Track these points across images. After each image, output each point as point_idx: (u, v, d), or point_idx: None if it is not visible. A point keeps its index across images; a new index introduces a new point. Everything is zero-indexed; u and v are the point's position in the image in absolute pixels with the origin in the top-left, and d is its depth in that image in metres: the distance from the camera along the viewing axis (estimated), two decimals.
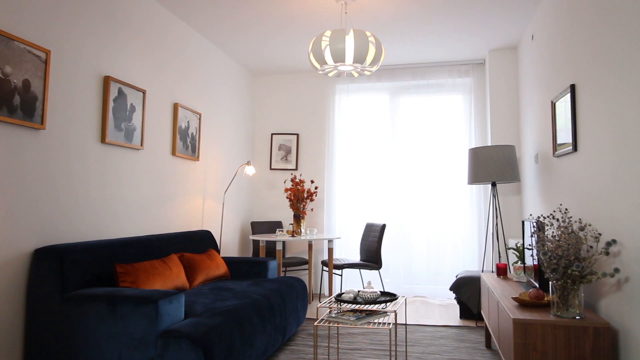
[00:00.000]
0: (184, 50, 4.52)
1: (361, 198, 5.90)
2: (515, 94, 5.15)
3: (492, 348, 3.63)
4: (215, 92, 5.18)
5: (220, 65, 5.30)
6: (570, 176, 3.18)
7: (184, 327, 2.48)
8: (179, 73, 4.43)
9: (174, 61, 4.33)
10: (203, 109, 4.89)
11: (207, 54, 4.99)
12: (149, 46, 3.95)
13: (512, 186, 5.08)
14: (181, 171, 4.45)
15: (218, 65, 5.24)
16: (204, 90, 4.91)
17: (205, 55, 4.95)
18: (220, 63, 5.29)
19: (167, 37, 4.22)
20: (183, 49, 4.49)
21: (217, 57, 5.20)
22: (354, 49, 3.60)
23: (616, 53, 2.42)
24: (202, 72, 4.89)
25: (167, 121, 4.23)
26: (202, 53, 4.88)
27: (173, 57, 4.32)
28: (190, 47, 4.63)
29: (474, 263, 5.44)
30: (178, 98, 4.41)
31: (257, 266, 4.14)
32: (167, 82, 4.23)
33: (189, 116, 4.57)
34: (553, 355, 2.32)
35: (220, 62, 5.29)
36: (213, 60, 5.12)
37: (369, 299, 3.01)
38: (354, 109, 5.99)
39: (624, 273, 2.33)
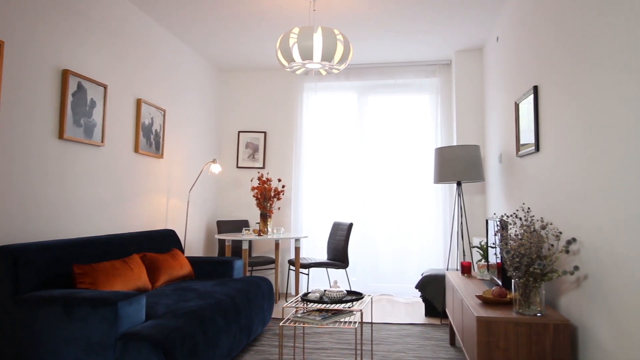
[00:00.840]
0: (149, 45, 4.39)
1: (329, 197, 5.90)
2: (481, 95, 5.24)
3: (456, 345, 3.68)
4: (181, 88, 5.07)
5: (186, 61, 5.19)
6: (533, 176, 3.25)
7: (145, 330, 2.40)
8: (143, 68, 4.31)
9: (137, 56, 4.21)
10: (168, 106, 4.78)
11: (173, 50, 4.87)
12: (111, 40, 3.82)
13: (477, 185, 5.17)
14: (144, 169, 4.33)
15: (184, 61, 5.13)
16: (168, 86, 4.79)
17: (171, 51, 4.83)
18: (186, 59, 5.17)
19: (131, 32, 4.09)
20: (148, 43, 4.37)
21: (183, 53, 5.09)
22: (322, 46, 3.57)
23: (577, 56, 2.47)
24: (167, 68, 4.77)
25: (130, 117, 4.10)
26: (168, 48, 4.76)
27: (137, 52, 4.20)
28: (156, 42, 4.51)
29: (439, 261, 5.52)
30: (141, 94, 4.28)
31: (222, 266, 4.07)
32: (130, 77, 4.10)
33: (153, 112, 4.45)
34: (515, 352, 2.36)
35: (186, 58, 5.17)
36: (179, 56, 5.00)
37: (335, 298, 2.99)
38: (322, 107, 5.98)
39: (583, 271, 2.39)
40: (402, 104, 5.80)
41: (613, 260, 2.06)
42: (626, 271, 1.94)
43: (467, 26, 4.58)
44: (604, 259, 2.15)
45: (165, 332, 2.43)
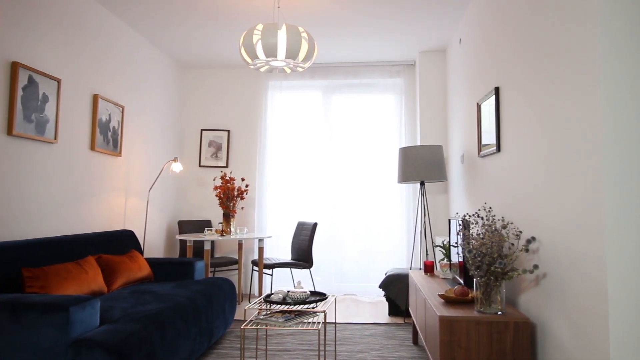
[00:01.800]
0: (107, 39, 4.23)
1: (293, 197, 5.85)
2: (444, 95, 5.30)
3: (419, 344, 3.70)
4: (141, 84, 4.91)
5: (147, 57, 5.04)
6: (494, 176, 3.30)
7: (98, 335, 2.29)
8: (100, 63, 4.14)
9: (94, 50, 4.04)
10: (126, 102, 4.62)
11: (133, 45, 4.71)
12: (66, 32, 3.65)
13: (440, 185, 5.23)
14: (101, 167, 4.16)
15: (144, 57, 4.97)
16: (128, 82, 4.63)
17: (130, 46, 4.67)
18: (146, 54, 5.02)
19: (87, 24, 3.93)
20: (105, 37, 4.21)
21: (143, 49, 4.93)
22: (286, 44, 3.52)
23: (536, 58, 2.51)
24: (127, 63, 4.61)
25: (86, 113, 3.94)
26: (127, 43, 4.60)
27: (93, 46, 4.03)
28: (114, 36, 4.35)
29: (403, 260, 5.55)
30: (98, 89, 4.12)
31: (182, 267, 3.96)
32: (86, 72, 3.94)
33: (111, 109, 4.29)
34: (476, 350, 2.38)
35: (146, 54, 5.02)
36: (139, 51, 4.84)
37: (298, 299, 2.95)
38: (287, 106, 5.92)
39: (542, 269, 2.43)
40: (367, 103, 5.81)
41: (570, 259, 2.10)
42: (583, 269, 1.98)
43: (430, 27, 4.62)
44: (561, 257, 2.20)
45: (121, 337, 2.32)
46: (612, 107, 1.83)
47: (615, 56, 1.84)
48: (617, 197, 1.81)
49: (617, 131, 1.83)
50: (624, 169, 1.81)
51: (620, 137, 1.82)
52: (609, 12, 1.85)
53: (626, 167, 1.81)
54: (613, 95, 1.84)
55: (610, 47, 1.85)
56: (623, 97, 1.83)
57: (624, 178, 1.81)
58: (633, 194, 1.80)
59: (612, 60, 1.84)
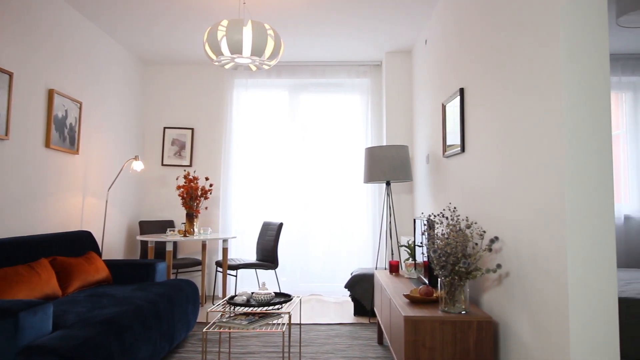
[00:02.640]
0: (64, 32, 4.05)
1: (259, 196, 5.77)
2: (410, 96, 5.34)
3: (384, 344, 3.70)
4: (100, 80, 4.74)
5: (107, 52, 4.86)
6: (459, 176, 3.33)
7: (51, 342, 2.18)
8: (57, 57, 3.97)
9: (50, 43, 3.87)
10: (85, 98, 4.44)
11: (92, 39, 4.53)
12: (19, 25, 3.47)
13: (406, 185, 5.27)
14: (57, 165, 3.99)
15: (104, 52, 4.80)
16: (86, 77, 4.46)
17: (90, 40, 4.49)
18: (106, 49, 4.84)
19: (42, 17, 3.75)
20: (63, 31, 4.03)
21: (103, 43, 4.76)
22: (251, 41, 3.46)
23: (500, 60, 2.54)
24: (85, 58, 4.43)
25: (40, 109, 3.76)
26: (86, 37, 4.42)
27: (49, 39, 3.86)
28: (72, 30, 4.17)
29: (368, 260, 5.56)
30: (54, 84, 3.94)
31: (143, 269, 3.83)
32: (41, 66, 3.76)
33: (68, 105, 4.12)
34: (440, 350, 2.38)
35: (106, 49, 4.84)
36: (98, 46, 4.67)
37: (262, 301, 2.89)
38: (253, 104, 5.84)
39: (505, 268, 2.46)
40: (334, 103, 5.79)
41: (532, 258, 2.13)
42: (544, 268, 2.01)
43: (397, 28, 4.64)
44: (523, 256, 2.22)
45: (75, 342, 2.22)
46: (572, 108, 1.86)
47: (574, 59, 1.87)
48: (577, 196, 1.84)
49: (576, 132, 1.86)
50: (584, 168, 1.85)
51: (580, 137, 1.85)
52: (569, 18, 1.88)
53: (585, 167, 1.85)
54: (573, 97, 1.87)
55: (570, 51, 1.88)
56: (582, 99, 1.86)
57: (584, 178, 1.84)
58: (592, 193, 1.84)
59: (572, 63, 1.87)
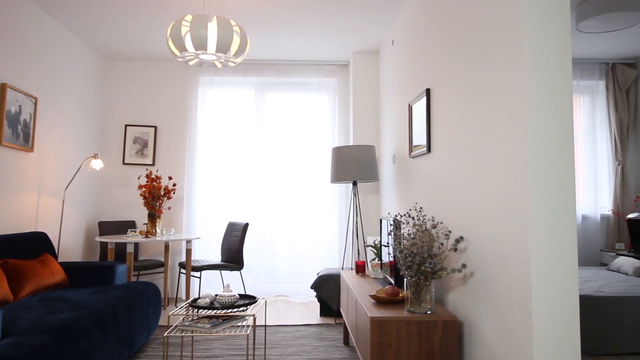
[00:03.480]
0: (19, 25, 3.86)
1: (224, 196, 5.66)
2: (377, 96, 5.35)
3: (350, 345, 3.68)
4: (58, 75, 4.54)
5: (66, 46, 4.67)
6: (425, 176, 3.34)
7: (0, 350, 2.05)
8: (10, 50, 3.77)
9: (3, 36, 3.67)
10: (41, 93, 4.25)
11: (49, 32, 4.34)
12: None
13: (372, 185, 5.27)
14: (9, 163, 3.80)
15: (63, 46, 4.60)
16: (42, 72, 4.26)
17: (47, 34, 4.30)
18: (65, 44, 4.65)
19: None
20: (17, 23, 3.84)
21: (62, 37, 4.56)
22: (217, 37, 3.38)
23: (466, 62, 2.56)
24: (41, 52, 4.24)
25: None
26: (43, 31, 4.23)
27: (2, 32, 3.66)
28: (28, 23, 3.98)
29: (335, 261, 5.54)
30: (7, 78, 3.75)
31: (102, 271, 3.69)
32: None
33: (22, 100, 3.93)
34: (406, 350, 2.38)
35: (65, 43, 4.65)
36: (56, 40, 4.47)
37: (226, 303, 2.82)
38: (219, 102, 5.73)
39: (470, 268, 2.47)
40: (301, 102, 5.75)
41: (496, 257, 2.14)
42: (508, 267, 2.02)
43: (364, 28, 4.63)
44: (488, 256, 2.24)
45: (25, 350, 2.10)
46: (535, 111, 1.88)
47: (538, 63, 1.89)
48: (539, 196, 1.86)
49: (539, 134, 1.88)
50: (546, 169, 1.87)
51: (542, 139, 1.87)
52: (533, 23, 1.90)
53: (548, 168, 1.87)
54: (536, 100, 1.88)
55: (534, 54, 1.89)
56: (545, 102, 1.88)
57: (546, 179, 1.86)
58: (554, 194, 1.86)
59: (536, 66, 1.89)
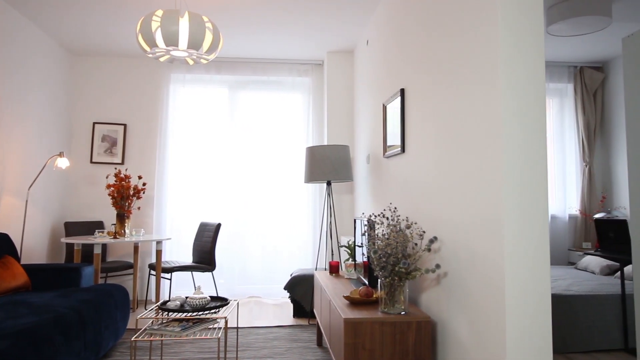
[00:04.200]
0: None
1: (196, 196, 5.56)
2: (351, 96, 5.34)
3: (324, 346, 3.65)
4: (22, 70, 4.37)
5: (31, 41, 4.49)
6: (399, 176, 3.34)
7: None
8: None
9: None
10: (3, 89, 4.08)
11: (13, 26, 4.17)
12: None
13: (346, 185, 5.26)
14: None
15: (27, 40, 4.43)
16: (5, 67, 4.09)
17: (10, 27, 4.13)
18: (30, 38, 4.47)
19: None
20: None
21: (26, 31, 4.39)
22: (188, 33, 3.29)
23: (441, 61, 2.56)
24: (5, 46, 4.07)
25: None
26: (6, 24, 4.06)
27: None
28: None
29: (308, 261, 5.51)
30: None
31: (67, 274, 3.56)
32: None
33: None
34: (380, 351, 2.36)
35: (30, 37, 4.47)
36: (21, 34, 4.30)
37: (197, 305, 2.75)
38: (191, 100, 5.62)
39: (444, 268, 2.47)
40: (275, 101, 5.69)
41: (470, 258, 2.14)
42: (481, 267, 2.02)
43: (339, 28, 4.61)
44: (462, 256, 2.24)
45: None
46: (510, 112, 1.88)
47: (512, 64, 1.90)
48: (513, 197, 1.86)
49: (513, 135, 1.88)
50: (521, 171, 1.87)
51: (518, 141, 1.88)
52: (508, 24, 1.90)
53: (523, 170, 1.87)
54: (510, 101, 1.89)
55: (509, 56, 1.90)
56: (520, 103, 1.89)
57: (521, 180, 1.87)
58: (529, 195, 1.86)
59: (510, 67, 1.90)
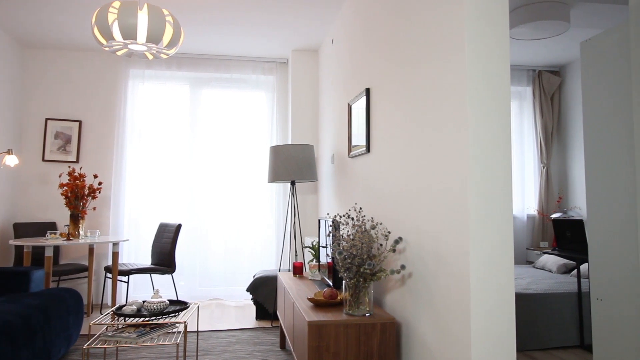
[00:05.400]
0: None
1: (156, 196, 5.38)
2: (316, 95, 5.30)
3: (287, 348, 3.59)
4: None
5: None
6: (364, 176, 3.32)
7: None
8: None
9: None
10: None
11: None
12: None
13: (311, 185, 5.21)
14: None
15: None
16: None
17: None
18: None
19: None
20: None
21: None
22: (147, 26, 3.17)
23: (406, 61, 2.54)
24: None
25: None
26: None
27: None
28: None
29: (272, 262, 5.43)
30: None
31: (15, 278, 3.36)
32: None
33: None
34: (344, 354, 2.32)
35: None
36: None
37: (155, 310, 2.64)
38: (151, 97, 5.44)
39: (409, 269, 2.46)
40: (238, 100, 5.58)
41: (435, 258, 2.13)
42: (446, 267, 2.01)
43: (304, 26, 4.56)
44: (427, 256, 2.22)
45: None
46: (475, 113, 1.88)
47: (479, 65, 1.89)
48: (479, 197, 1.86)
49: (480, 137, 1.87)
50: (487, 172, 1.87)
51: (484, 142, 1.87)
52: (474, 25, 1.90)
53: (489, 171, 1.87)
54: (477, 102, 1.88)
55: (475, 57, 1.89)
56: (487, 103, 1.88)
57: (487, 180, 1.87)
58: (494, 196, 1.86)
59: (477, 68, 1.89)
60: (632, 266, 2.53)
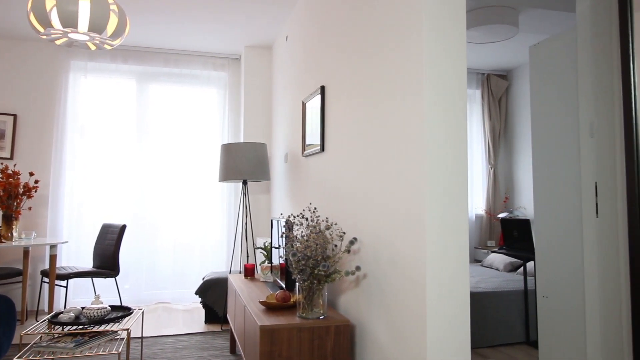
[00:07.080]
0: None
1: (99, 195, 5.10)
2: (269, 92, 5.20)
3: (237, 353, 3.48)
4: None
5: None
6: (319, 176, 3.26)
7: None
8: None
9: None
10: None
11: None
12: None
13: (263, 184, 5.11)
14: None
15: None
16: None
17: None
18: None
19: None
20: None
21: None
22: (89, 14, 2.98)
23: (361, 59, 2.51)
24: None
25: None
26: None
27: None
28: None
29: (222, 264, 5.28)
30: None
31: None
32: None
33: None
34: (297, 358, 2.25)
35: None
36: None
37: (95, 317, 2.47)
38: (94, 91, 5.15)
39: (363, 270, 2.42)
40: (188, 96, 5.39)
41: (391, 259, 2.10)
42: (401, 268, 1.98)
43: (257, 22, 4.45)
44: (382, 257, 2.19)
45: None
46: (434, 112, 1.86)
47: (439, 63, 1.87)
48: (436, 197, 1.83)
49: (437, 136, 1.85)
50: (443, 171, 1.85)
51: (440, 141, 1.86)
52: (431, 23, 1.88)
53: (445, 170, 1.85)
54: (434, 100, 1.86)
55: (435, 52, 1.87)
56: (443, 104, 1.87)
57: (443, 180, 1.85)
58: (452, 197, 1.85)
59: (434, 68, 1.87)
60: (577, 265, 2.60)
